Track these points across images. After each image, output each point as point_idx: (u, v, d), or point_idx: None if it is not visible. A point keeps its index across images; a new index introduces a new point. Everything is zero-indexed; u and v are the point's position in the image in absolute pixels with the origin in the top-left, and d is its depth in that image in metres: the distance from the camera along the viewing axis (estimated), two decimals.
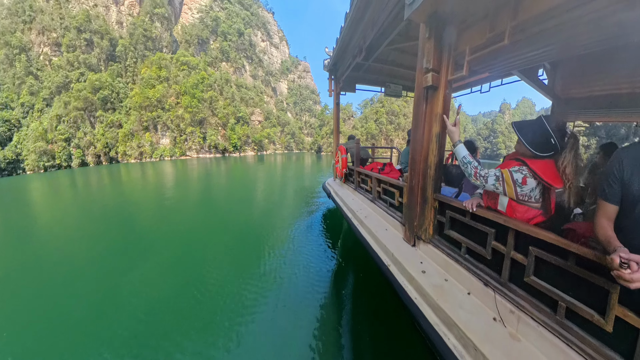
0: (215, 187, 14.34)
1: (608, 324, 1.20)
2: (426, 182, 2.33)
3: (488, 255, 1.82)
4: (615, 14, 1.46)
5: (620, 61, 2.82)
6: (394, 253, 2.49)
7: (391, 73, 5.94)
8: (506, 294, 1.66)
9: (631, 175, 1.17)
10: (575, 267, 1.31)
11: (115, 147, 52.52)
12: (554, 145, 1.52)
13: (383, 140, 65.55)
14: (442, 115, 2.15)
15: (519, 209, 1.66)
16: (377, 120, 67.79)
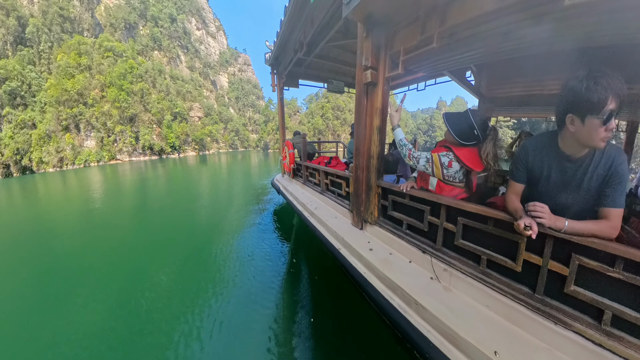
0: (153, 195, 12.24)
1: (518, 265, 1.58)
2: (370, 171, 2.56)
3: (425, 228, 2.14)
4: (519, 29, 1.82)
5: (532, 67, 3.45)
6: (343, 237, 2.68)
7: (333, 69, 6.13)
8: (440, 256, 2.00)
9: (533, 160, 1.49)
10: (493, 229, 1.67)
11: (28, 154, 40.76)
12: (477, 135, 1.84)
13: (330, 135, 66.40)
14: (382, 109, 2.38)
15: (445, 188, 1.99)
16: (323, 116, 68.15)
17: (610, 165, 1.26)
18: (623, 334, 1.28)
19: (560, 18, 1.66)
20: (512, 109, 4.70)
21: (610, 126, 1.15)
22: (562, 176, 1.40)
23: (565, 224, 1.29)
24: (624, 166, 1.26)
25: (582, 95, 1.16)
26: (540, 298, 1.52)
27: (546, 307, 1.49)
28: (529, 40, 2.09)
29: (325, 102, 69.07)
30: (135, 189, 14.23)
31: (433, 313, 1.69)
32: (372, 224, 2.65)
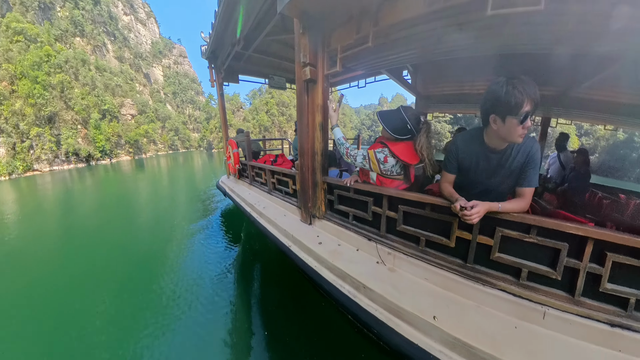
0: (81, 213, 9.66)
1: (452, 242, 1.81)
2: (315, 168, 2.59)
3: (369, 218, 2.26)
4: (449, 33, 2.00)
5: (463, 69, 3.84)
6: (293, 234, 2.68)
7: (274, 65, 5.98)
8: (385, 242, 2.15)
9: (463, 154, 1.69)
10: (430, 213, 1.88)
11: None
12: (410, 130, 1.96)
13: (276, 131, 64.39)
14: (323, 106, 2.41)
15: (385, 181, 2.12)
16: (268, 112, 65.72)
17: (527, 154, 1.52)
18: (536, 285, 1.61)
19: (485, 27, 1.89)
20: (446, 105, 5.28)
21: (527, 125, 1.37)
22: (488, 165, 1.65)
23: (499, 206, 1.54)
24: (538, 154, 1.53)
25: (502, 98, 1.35)
26: (471, 266, 1.79)
27: (476, 273, 1.77)
28: (458, 44, 2.34)
29: (270, 98, 66.62)
30: (57, 206, 11.17)
31: (380, 293, 1.82)
32: (320, 219, 2.70)
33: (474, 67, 3.71)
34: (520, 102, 1.31)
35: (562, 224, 1.53)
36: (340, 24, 2.21)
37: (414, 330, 1.66)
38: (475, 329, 1.56)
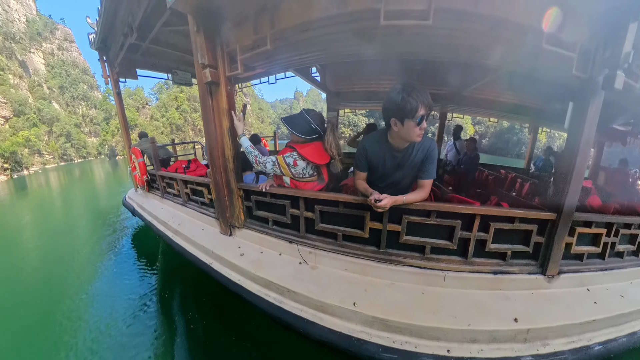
0: None
1: (365, 233, 1.95)
2: (228, 175, 2.42)
3: (288, 221, 2.23)
4: (348, 38, 2.05)
5: (369, 69, 4.02)
6: (213, 250, 2.46)
7: (177, 58, 5.27)
8: (305, 242, 2.16)
9: (371, 154, 1.84)
10: (344, 209, 1.98)
11: None
12: (316, 129, 1.99)
13: (190, 131, 54.73)
14: (229, 111, 2.24)
15: (299, 184, 2.12)
16: (179, 108, 54.89)
17: (426, 151, 1.75)
18: (438, 256, 1.93)
19: (382, 34, 2.00)
20: (356, 102, 5.61)
21: (423, 126, 1.56)
22: (394, 162, 1.83)
23: (403, 199, 1.73)
24: (435, 151, 1.77)
25: (399, 104, 1.50)
26: (384, 251, 1.98)
27: (388, 256, 1.97)
28: (361, 49, 2.44)
29: (179, 92, 55.48)
30: None
31: (303, 293, 1.84)
32: (240, 228, 2.54)
33: (380, 68, 4.02)
34: (415, 107, 1.47)
35: (456, 206, 1.90)
36: (237, 23, 2.08)
37: (337, 319, 1.74)
38: (389, 304, 1.74)
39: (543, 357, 1.60)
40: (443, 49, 2.41)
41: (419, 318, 1.64)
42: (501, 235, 1.96)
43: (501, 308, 1.74)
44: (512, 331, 1.61)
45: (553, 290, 2.01)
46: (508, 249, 1.98)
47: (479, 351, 1.56)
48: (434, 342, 1.59)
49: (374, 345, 1.60)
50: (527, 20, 1.54)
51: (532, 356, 1.58)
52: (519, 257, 2.05)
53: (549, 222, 2.01)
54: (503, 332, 1.60)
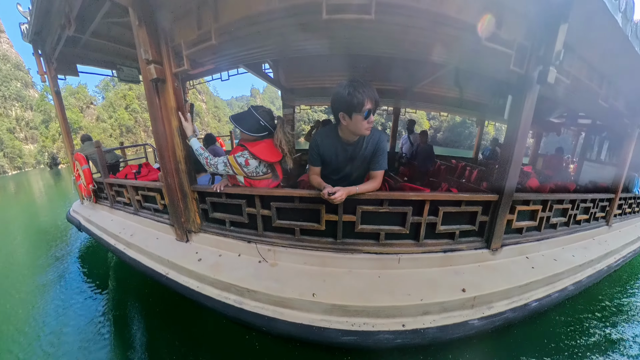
0: None
1: (322, 225, 1.96)
2: (181, 178, 2.30)
3: (246, 220, 2.18)
4: (293, 33, 2.04)
5: (321, 65, 4.02)
6: (169, 259, 2.32)
7: (123, 53, 4.81)
8: (264, 240, 2.13)
9: (323, 149, 1.86)
10: (300, 204, 1.97)
11: None
12: (265, 126, 1.95)
13: (142, 132, 47.89)
14: (177, 109, 2.14)
15: (253, 182, 2.08)
16: (128, 108, 48.36)
17: (376, 144, 1.79)
18: (392, 241, 2.02)
19: (326, 29, 2.01)
20: (311, 98, 5.58)
21: (370, 120, 1.61)
22: (345, 155, 1.87)
23: (356, 189, 1.78)
24: (384, 143, 1.82)
25: (346, 99, 1.53)
26: (341, 241, 2.01)
27: (345, 246, 2.01)
28: (309, 43, 2.45)
29: (128, 90, 49.07)
30: None
31: (264, 291, 1.81)
32: (197, 233, 2.42)
33: (332, 63, 4.05)
34: (362, 101, 1.52)
35: (406, 194, 2.02)
36: (180, 17, 2.00)
37: (297, 312, 1.74)
38: (347, 291, 1.78)
39: (488, 318, 1.77)
40: (391, 44, 2.50)
41: (376, 299, 1.71)
42: (450, 217, 2.10)
43: (450, 281, 1.88)
44: (461, 300, 1.75)
45: (497, 261, 2.20)
46: (456, 229, 2.13)
47: (431, 321, 1.67)
48: (391, 319, 1.66)
49: (334, 331, 1.63)
50: (466, 16, 1.64)
51: (479, 319, 1.74)
52: (466, 236, 2.21)
53: (492, 202, 2.20)
54: (452, 302, 1.74)
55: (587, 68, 2.47)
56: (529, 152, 7.29)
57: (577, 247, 2.94)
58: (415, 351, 2.11)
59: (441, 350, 2.15)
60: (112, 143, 39.86)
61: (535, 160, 6.66)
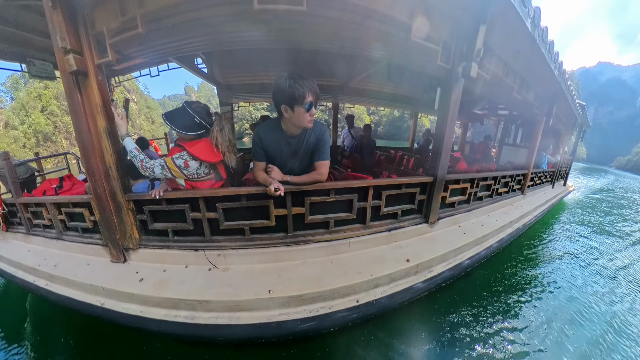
0: None
1: (272, 221, 1.95)
2: (113, 186, 2.05)
3: (191, 227, 2.04)
4: (225, 23, 1.95)
5: (257, 59, 3.83)
6: (104, 286, 2.02)
7: (34, 43, 3.96)
8: (212, 246, 2.02)
9: (267, 143, 1.84)
10: (247, 202, 1.93)
11: None
12: (201, 123, 1.83)
13: (64, 140, 40.36)
14: (104, 106, 1.89)
15: (195, 184, 1.96)
16: (45, 110, 39.92)
17: (318, 136, 1.82)
18: (341, 227, 2.11)
19: (259, 20, 1.95)
20: (248, 95, 5.33)
21: (312, 112, 1.64)
22: (289, 148, 1.87)
23: (289, 178, 1.82)
24: (326, 135, 1.85)
25: (287, 91, 1.54)
26: (292, 234, 2.02)
27: (297, 239, 2.02)
28: (242, 35, 2.33)
29: (43, 89, 40.43)
30: None
31: (217, 299, 1.71)
32: (135, 249, 2.19)
33: (269, 58, 3.90)
34: (303, 94, 1.54)
35: (351, 182, 2.11)
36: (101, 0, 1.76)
37: (255, 312, 1.70)
38: (302, 281, 1.81)
39: (429, 280, 2.00)
40: (326, 39, 2.55)
41: (331, 283, 1.76)
42: (392, 199, 2.28)
43: (396, 255, 2.05)
44: (406, 269, 1.92)
45: (434, 232, 2.47)
46: (398, 209, 2.32)
47: (381, 292, 1.80)
48: (345, 298, 1.74)
49: (292, 321, 1.64)
50: (396, 13, 1.76)
51: (422, 282, 1.95)
52: (407, 214, 2.43)
53: (428, 184, 2.44)
54: (399, 272, 1.89)
55: (503, 65, 2.89)
56: (459, 140, 8.25)
57: (500, 213, 3.43)
58: (368, 323, 2.27)
59: (391, 317, 2.36)
60: (27, 155, 32.12)
61: (464, 147, 7.56)
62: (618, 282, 3.89)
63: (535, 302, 3.07)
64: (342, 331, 2.17)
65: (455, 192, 2.88)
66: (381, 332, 2.27)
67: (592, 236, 6.05)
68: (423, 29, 1.86)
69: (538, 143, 4.71)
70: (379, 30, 2.01)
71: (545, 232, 5.85)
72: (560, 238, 5.65)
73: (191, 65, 4.05)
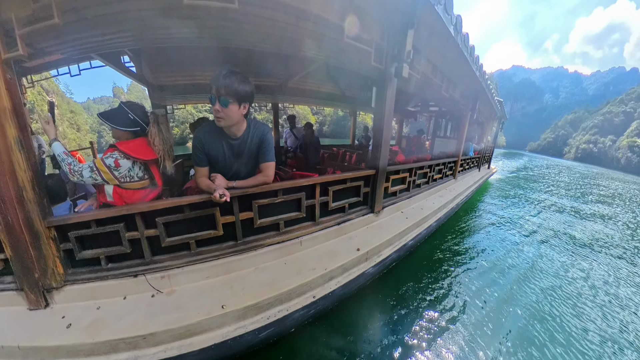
0: None
1: (219, 230, 1.86)
2: (29, 211, 1.67)
3: (128, 249, 1.82)
4: (154, 17, 1.82)
5: (192, 57, 3.61)
6: (20, 344, 1.58)
7: None
8: (154, 267, 1.83)
9: (207, 146, 1.76)
10: (191, 213, 1.80)
11: None
12: (135, 120, 1.74)
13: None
14: (14, 110, 1.54)
15: (125, 194, 1.78)
16: None
17: (260, 136, 1.78)
18: (292, 227, 2.13)
19: (190, 16, 1.87)
20: (185, 96, 4.97)
21: (215, 107, 1.59)
22: (232, 151, 1.80)
23: (234, 183, 1.77)
24: (269, 135, 1.82)
25: None
26: (242, 241, 1.96)
27: (247, 245, 1.96)
28: (173, 32, 2.18)
29: None
30: None
31: (164, 329, 1.55)
32: (60, 288, 1.85)
33: (205, 57, 3.72)
34: (210, 86, 1.53)
35: (298, 181, 2.12)
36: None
37: (209, 334, 1.59)
38: (257, 288, 1.76)
39: (379, 264, 2.16)
40: (262, 38, 2.54)
41: (287, 284, 1.76)
42: (339, 194, 2.39)
43: (347, 246, 2.16)
44: (357, 258, 2.03)
45: (380, 220, 2.65)
46: (346, 203, 2.44)
47: (336, 284, 1.88)
48: (302, 296, 1.76)
49: (250, 333, 1.58)
50: (328, 14, 1.81)
51: (372, 267, 2.09)
52: (354, 207, 2.56)
53: (371, 176, 2.61)
54: (350, 261, 1.99)
55: (432, 66, 3.21)
56: (396, 135, 9.00)
57: (436, 196, 3.84)
58: (326, 316, 2.30)
59: (347, 306, 2.47)
60: None
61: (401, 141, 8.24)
62: (533, 238, 5.08)
63: (469, 264, 3.66)
64: (302, 329, 2.16)
65: (396, 182, 3.13)
66: (338, 322, 2.35)
67: (511, 206, 7.49)
68: (355, 30, 1.96)
69: (465, 134, 5.40)
70: (313, 31, 2.08)
71: (475, 207, 6.90)
72: (487, 211, 6.77)
73: (117, 64, 3.59)
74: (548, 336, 2.46)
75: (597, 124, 70.02)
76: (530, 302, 2.95)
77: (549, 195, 10.14)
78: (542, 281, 3.47)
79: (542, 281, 3.48)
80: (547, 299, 3.05)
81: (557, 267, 3.96)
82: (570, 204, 8.94)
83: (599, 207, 8.99)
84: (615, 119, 65.79)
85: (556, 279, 3.57)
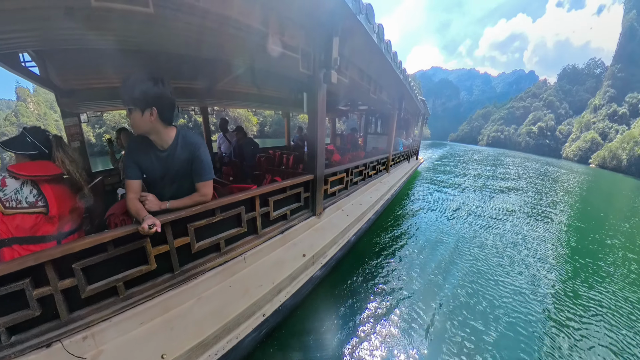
0: None
1: (152, 264, 1.62)
2: None
3: (37, 312, 1.39)
4: (57, 19, 1.64)
5: (110, 60, 3.02)
6: None
7: None
8: (73, 328, 1.49)
9: (138, 156, 1.57)
10: (116, 250, 1.52)
11: None
12: (32, 142, 1.54)
13: None
14: None
15: (11, 222, 1.45)
16: None
17: (192, 151, 1.59)
18: (234, 244, 2.02)
19: (99, 18, 1.68)
20: (98, 102, 4.40)
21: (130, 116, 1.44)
22: (160, 163, 1.60)
23: (167, 204, 1.58)
24: (201, 149, 1.61)
25: None
26: (180, 271, 1.77)
27: (185, 274, 1.78)
28: (82, 34, 1.98)
29: None
30: None
31: None
32: None
33: (122, 59, 3.11)
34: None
35: (236, 196, 2.00)
36: None
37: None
38: (201, 322, 1.60)
39: (325, 265, 2.21)
40: (182, 42, 2.38)
41: (233, 309, 1.65)
42: (279, 203, 2.36)
43: (293, 254, 2.16)
44: (303, 264, 2.05)
45: (323, 221, 2.74)
46: (287, 210, 2.43)
47: (285, 295, 1.85)
48: (252, 317, 1.68)
49: None
50: (248, 19, 1.75)
51: (319, 269, 2.12)
52: (296, 212, 2.58)
53: (310, 181, 2.65)
54: (297, 269, 2.00)
55: (359, 72, 3.39)
56: (330, 133, 9.43)
57: (372, 190, 4.14)
58: (278, 329, 2.28)
59: (298, 314, 2.48)
60: None
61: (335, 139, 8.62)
62: (458, 214, 6.16)
63: (408, 244, 4.20)
64: (256, 351, 2.09)
65: (335, 183, 3.27)
66: (292, 331, 2.32)
67: (438, 190, 8.77)
68: (279, 36, 1.96)
69: (394, 131, 5.90)
70: (237, 37, 2.03)
71: (407, 195, 7.93)
72: (418, 196, 7.88)
73: (14, 65, 2.89)
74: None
75: (503, 117, 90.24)
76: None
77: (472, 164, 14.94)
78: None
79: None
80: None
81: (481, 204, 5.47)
82: (485, 170, 14.36)
83: (503, 169, 15.02)
84: (517, 112, 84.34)
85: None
